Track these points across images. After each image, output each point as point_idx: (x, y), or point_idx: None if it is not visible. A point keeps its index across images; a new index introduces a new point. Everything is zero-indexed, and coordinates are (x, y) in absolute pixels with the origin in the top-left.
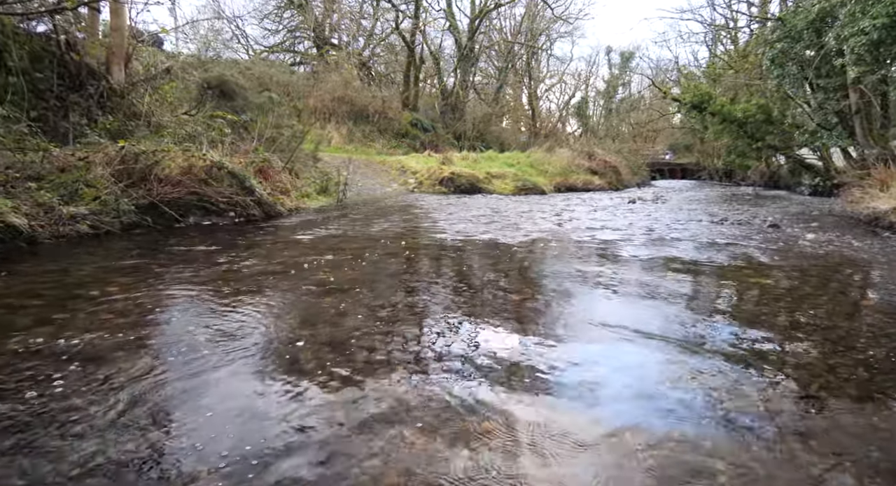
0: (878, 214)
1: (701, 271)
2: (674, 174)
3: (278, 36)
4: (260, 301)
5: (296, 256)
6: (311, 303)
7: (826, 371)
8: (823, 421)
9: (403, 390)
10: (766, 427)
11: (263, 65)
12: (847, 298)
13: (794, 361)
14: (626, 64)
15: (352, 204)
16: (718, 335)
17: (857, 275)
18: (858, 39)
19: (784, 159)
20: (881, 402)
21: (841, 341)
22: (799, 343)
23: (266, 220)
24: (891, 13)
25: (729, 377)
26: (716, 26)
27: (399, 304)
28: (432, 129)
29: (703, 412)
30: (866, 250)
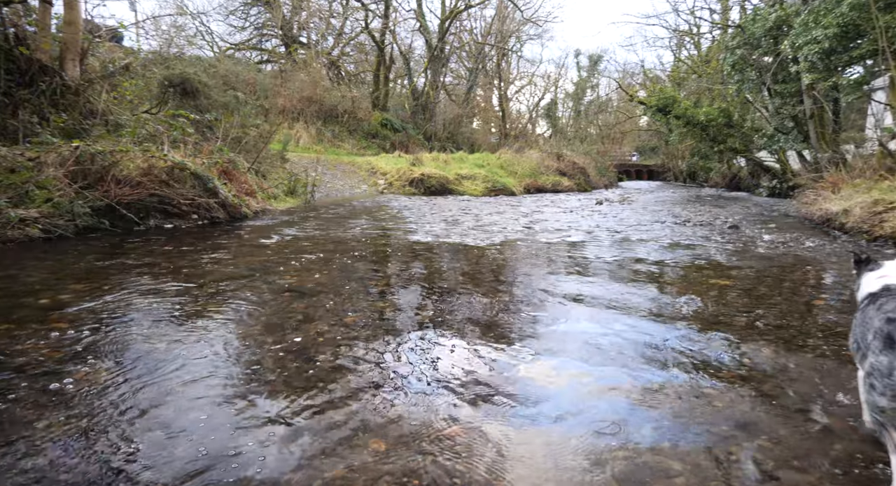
0: (830, 216)
1: (664, 273)
2: (640, 175)
3: (245, 33)
4: (223, 308)
5: (261, 260)
6: (276, 309)
7: (779, 371)
8: (769, 418)
9: (368, 400)
10: (720, 424)
11: (229, 63)
12: (800, 298)
13: (748, 362)
14: (595, 67)
15: (320, 206)
16: (678, 342)
17: (810, 275)
18: (811, 47)
19: (744, 162)
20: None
21: (793, 340)
22: (754, 344)
23: (231, 222)
24: (841, 23)
25: (686, 381)
26: (679, 32)
27: (367, 309)
28: (403, 129)
29: (656, 419)
30: (818, 251)
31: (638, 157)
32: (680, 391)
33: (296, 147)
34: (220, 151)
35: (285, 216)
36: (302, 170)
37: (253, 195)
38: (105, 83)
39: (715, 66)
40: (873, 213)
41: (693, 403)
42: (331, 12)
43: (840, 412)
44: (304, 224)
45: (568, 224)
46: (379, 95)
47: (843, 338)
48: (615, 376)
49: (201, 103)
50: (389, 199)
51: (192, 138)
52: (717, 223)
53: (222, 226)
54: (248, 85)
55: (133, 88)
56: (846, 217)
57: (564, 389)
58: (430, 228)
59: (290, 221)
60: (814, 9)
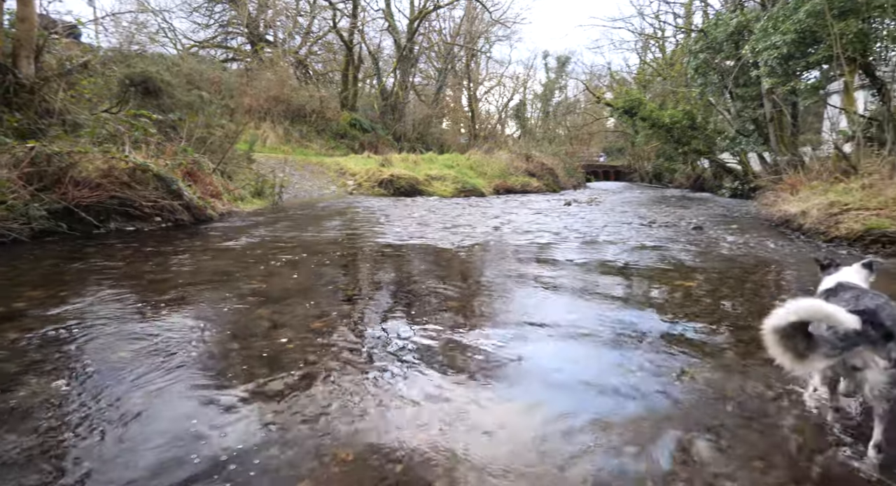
0: (789, 217)
1: (630, 276)
2: (607, 176)
3: (209, 31)
4: (188, 314)
5: (227, 264)
6: (242, 315)
7: (740, 371)
8: (731, 419)
9: (337, 410)
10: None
11: (193, 61)
12: (760, 300)
13: (712, 363)
14: (563, 68)
15: (288, 207)
16: (642, 345)
17: (770, 276)
18: (771, 53)
19: (708, 163)
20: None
21: (753, 341)
22: (716, 345)
23: (196, 225)
24: (798, 30)
25: (650, 381)
26: (645, 35)
27: (335, 314)
28: (372, 129)
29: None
30: (778, 252)
31: (605, 158)
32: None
33: (263, 147)
34: (184, 151)
35: (252, 218)
36: (269, 171)
37: (219, 197)
38: (62, 81)
39: (679, 69)
40: (829, 214)
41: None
42: (298, 10)
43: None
44: (272, 226)
45: (537, 226)
46: (348, 94)
47: None
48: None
49: (164, 103)
50: (359, 200)
51: (155, 139)
52: (681, 225)
53: (187, 229)
54: (212, 84)
55: (92, 86)
56: (804, 219)
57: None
58: (399, 230)
59: (257, 223)
60: (773, 15)
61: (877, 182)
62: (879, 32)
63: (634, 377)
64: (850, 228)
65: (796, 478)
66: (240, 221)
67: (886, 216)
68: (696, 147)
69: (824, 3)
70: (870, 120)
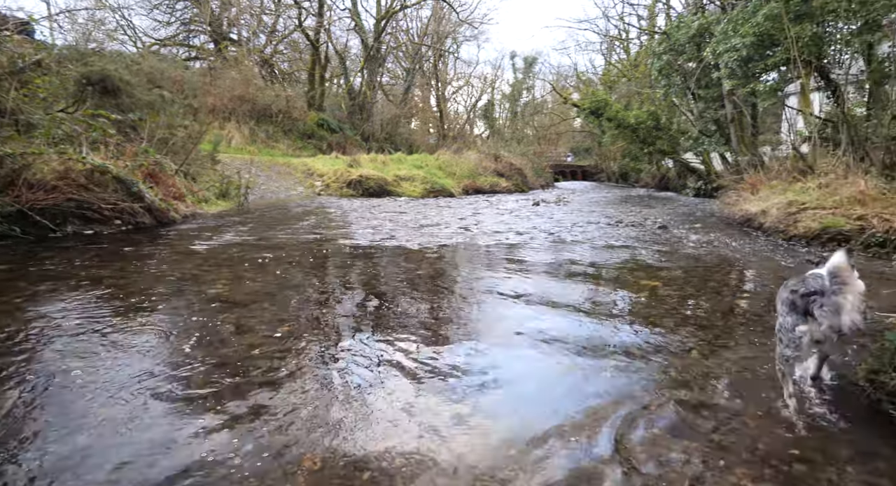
0: (750, 216)
1: (598, 277)
2: (575, 176)
3: (171, 28)
4: (148, 321)
5: (189, 268)
6: (206, 321)
7: (703, 374)
8: (701, 420)
9: (303, 419)
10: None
11: (154, 59)
12: (723, 299)
13: (678, 363)
14: (530, 69)
15: (255, 209)
16: (608, 345)
17: (733, 275)
18: (731, 55)
19: (672, 163)
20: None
21: (716, 340)
22: (681, 346)
23: (158, 228)
24: (757, 33)
25: (618, 383)
26: (610, 37)
27: (303, 319)
28: (340, 129)
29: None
30: (740, 251)
31: (572, 158)
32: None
33: (228, 148)
34: (145, 152)
35: (217, 220)
36: (235, 172)
37: (182, 199)
38: (14, 80)
39: (643, 70)
40: (788, 213)
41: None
42: (262, 9)
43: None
44: (237, 229)
45: (506, 226)
46: (314, 94)
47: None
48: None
49: (123, 102)
50: (327, 201)
51: (115, 139)
52: (647, 224)
53: (149, 231)
54: (174, 83)
55: (47, 85)
56: (764, 218)
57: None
58: (368, 232)
59: (221, 225)
60: (732, 18)
61: (832, 182)
62: (833, 36)
63: (603, 382)
64: (807, 226)
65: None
66: (204, 223)
67: (842, 215)
68: (660, 147)
69: (781, 7)
70: (825, 121)
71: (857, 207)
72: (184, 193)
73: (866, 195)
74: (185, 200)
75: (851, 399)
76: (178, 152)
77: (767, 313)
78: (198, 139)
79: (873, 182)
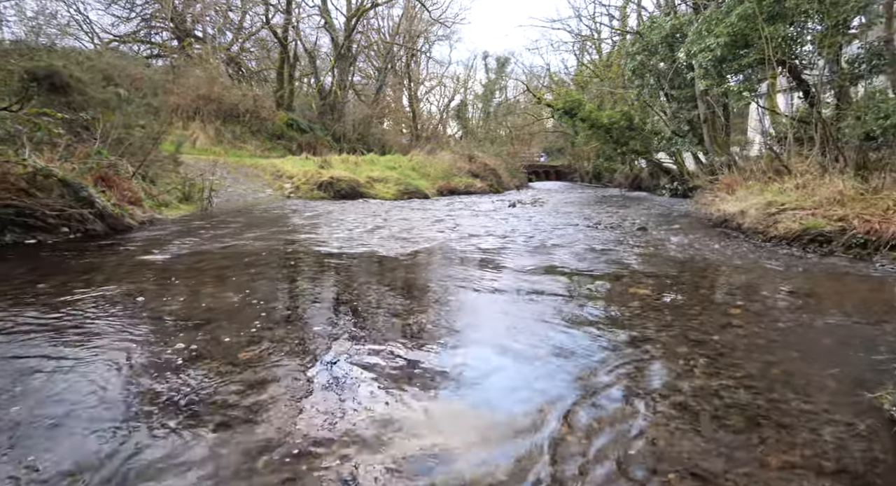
0: (727, 217)
1: (582, 285)
2: (549, 176)
3: (131, 24)
4: (88, 344)
5: (141, 282)
6: (154, 344)
7: (712, 396)
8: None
9: (262, 469)
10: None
11: (112, 56)
12: (717, 307)
13: (687, 387)
14: (502, 69)
15: (219, 213)
16: (600, 367)
17: (721, 280)
18: (705, 55)
19: (645, 163)
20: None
21: (719, 355)
22: (677, 366)
23: (111, 235)
24: (731, 33)
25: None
26: (582, 37)
27: (267, 340)
28: (310, 130)
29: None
30: (723, 253)
31: (546, 158)
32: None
33: (192, 149)
34: (98, 154)
35: (178, 226)
36: (199, 173)
37: (139, 203)
38: None
39: (616, 70)
40: (767, 214)
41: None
42: (228, 5)
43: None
44: (199, 235)
45: (483, 229)
46: (283, 94)
47: (766, 353)
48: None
49: (75, 100)
50: (296, 204)
51: (65, 140)
52: (626, 225)
53: (100, 239)
54: (134, 81)
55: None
56: (743, 218)
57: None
58: (339, 237)
59: (182, 231)
60: (707, 18)
61: (810, 182)
62: (804, 37)
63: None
64: (788, 227)
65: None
66: (163, 229)
67: (822, 216)
68: (633, 148)
69: (755, 7)
70: (800, 121)
71: (836, 208)
72: (141, 197)
73: (845, 196)
74: (143, 205)
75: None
76: (135, 154)
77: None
78: (157, 140)
79: (851, 183)
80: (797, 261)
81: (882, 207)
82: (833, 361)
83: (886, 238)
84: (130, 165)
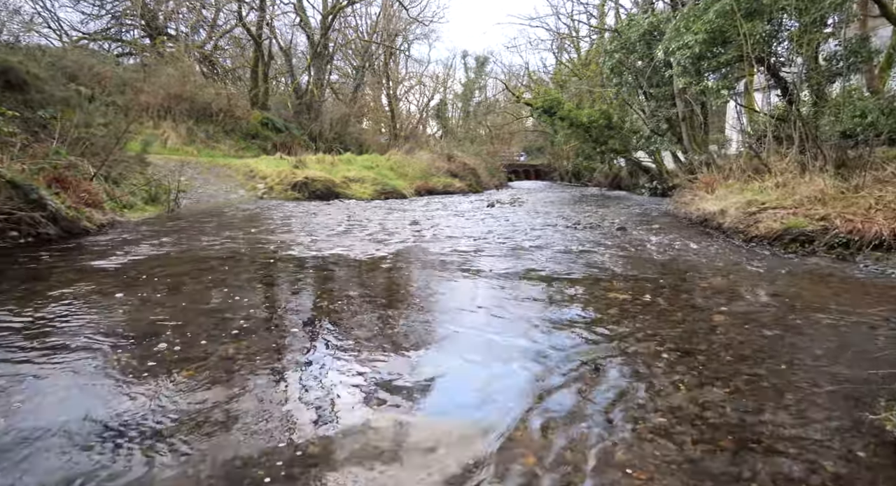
0: (708, 216)
1: (561, 290)
2: (528, 175)
3: (101, 22)
4: (15, 361)
5: (87, 291)
6: (92, 362)
7: (697, 417)
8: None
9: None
10: None
11: (80, 54)
12: (699, 313)
13: (669, 406)
14: (482, 68)
15: (187, 215)
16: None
17: (703, 283)
18: (683, 52)
19: (624, 162)
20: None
21: (705, 367)
22: (664, 379)
23: (65, 239)
24: (709, 30)
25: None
26: (560, 35)
27: (214, 358)
28: (286, 129)
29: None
30: (704, 254)
31: (525, 157)
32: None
33: (163, 149)
34: (56, 154)
35: (140, 229)
36: (168, 174)
37: (98, 206)
38: None
39: (595, 68)
40: (748, 213)
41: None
42: (202, 2)
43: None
44: (161, 239)
45: (461, 230)
46: (258, 92)
47: (751, 361)
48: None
49: (32, 98)
50: (269, 205)
51: (20, 139)
52: (605, 225)
53: (52, 244)
54: (103, 79)
55: None
56: (723, 217)
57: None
58: (311, 239)
59: (144, 235)
60: (685, 15)
61: (790, 180)
62: (782, 34)
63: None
64: (769, 226)
65: None
66: (124, 233)
67: (803, 215)
68: (613, 146)
69: (732, 4)
70: (779, 119)
71: (818, 207)
72: (102, 198)
73: (826, 194)
74: (104, 207)
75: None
76: (98, 154)
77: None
78: (122, 139)
79: (832, 181)
80: (779, 262)
81: (863, 205)
82: (826, 374)
83: (869, 238)
84: (92, 165)
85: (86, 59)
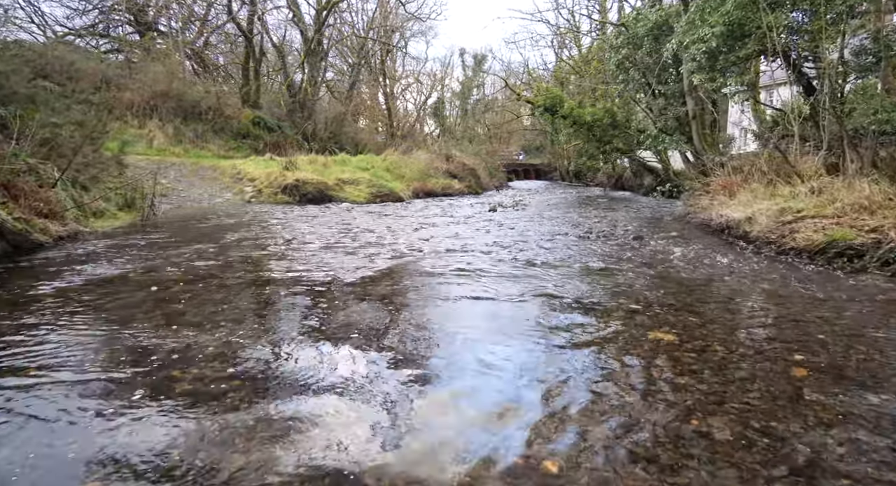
0: (731, 223)
1: (585, 326)
2: (528, 175)
3: (88, 17)
4: None
5: (17, 323)
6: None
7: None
8: None
9: None
10: None
11: (63, 50)
12: (772, 365)
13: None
14: (480, 66)
15: (164, 222)
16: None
17: (756, 315)
18: (699, 47)
19: (629, 162)
20: None
21: (807, 472)
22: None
23: (12, 255)
24: (727, 22)
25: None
26: (561, 31)
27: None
28: (278, 128)
29: None
30: (739, 271)
31: (524, 156)
32: None
33: (149, 149)
34: (14, 156)
35: (104, 242)
36: (151, 176)
37: (57, 216)
38: None
39: (597, 66)
40: (781, 222)
41: None
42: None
43: None
44: (125, 253)
45: (462, 242)
46: (249, 90)
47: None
48: None
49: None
50: (255, 210)
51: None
52: (619, 233)
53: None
54: (85, 76)
55: None
56: (750, 226)
57: None
58: (291, 253)
59: (106, 249)
60: (700, 6)
61: (827, 185)
62: (811, 25)
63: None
64: (809, 238)
65: None
66: (84, 246)
67: (848, 226)
68: (617, 146)
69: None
70: (804, 119)
71: (865, 216)
72: (63, 207)
73: (873, 202)
74: (64, 217)
75: None
76: (66, 155)
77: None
78: (95, 139)
79: (878, 187)
80: (831, 282)
81: None
82: None
83: None
84: (57, 168)
85: (66, 55)
